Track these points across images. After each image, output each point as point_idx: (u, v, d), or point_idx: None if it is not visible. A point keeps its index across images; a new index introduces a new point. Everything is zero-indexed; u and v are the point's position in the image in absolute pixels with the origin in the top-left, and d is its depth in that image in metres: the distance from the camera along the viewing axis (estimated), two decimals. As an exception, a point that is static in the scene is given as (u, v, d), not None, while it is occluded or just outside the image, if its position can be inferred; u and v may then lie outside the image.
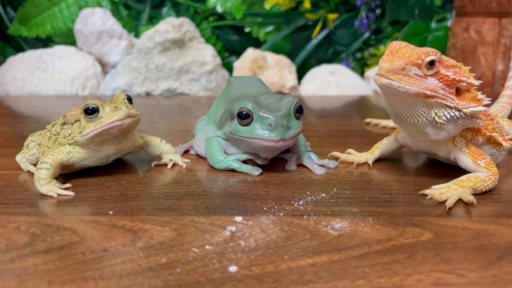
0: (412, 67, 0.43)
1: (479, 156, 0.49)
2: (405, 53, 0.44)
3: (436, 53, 0.44)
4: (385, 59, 0.44)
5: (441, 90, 0.44)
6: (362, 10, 1.29)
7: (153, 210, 0.45)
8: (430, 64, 0.44)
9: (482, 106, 0.47)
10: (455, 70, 0.45)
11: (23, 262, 0.35)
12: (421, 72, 0.44)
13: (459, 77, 0.45)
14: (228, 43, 1.36)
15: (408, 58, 0.43)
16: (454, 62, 0.46)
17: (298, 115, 0.53)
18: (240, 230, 0.40)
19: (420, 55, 0.43)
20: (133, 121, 0.50)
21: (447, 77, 0.45)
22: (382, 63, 0.44)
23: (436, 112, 0.45)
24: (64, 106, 1.06)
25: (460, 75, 0.45)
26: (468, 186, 0.46)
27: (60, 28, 1.30)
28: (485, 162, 0.48)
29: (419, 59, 0.43)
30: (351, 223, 0.41)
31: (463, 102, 0.46)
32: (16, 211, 0.44)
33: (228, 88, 0.61)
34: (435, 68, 0.44)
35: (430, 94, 0.44)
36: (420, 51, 0.44)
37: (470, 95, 0.47)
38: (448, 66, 0.45)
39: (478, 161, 0.49)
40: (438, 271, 0.33)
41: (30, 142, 0.58)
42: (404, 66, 0.43)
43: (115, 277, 0.33)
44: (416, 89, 0.44)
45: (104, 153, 0.53)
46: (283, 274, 0.33)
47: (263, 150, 0.54)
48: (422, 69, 0.44)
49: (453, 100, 0.45)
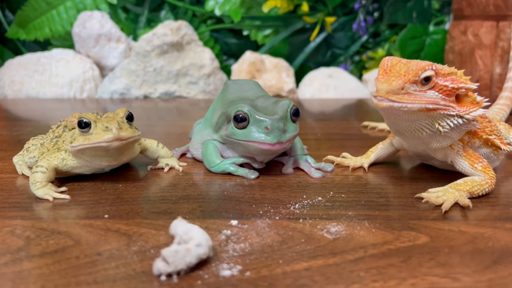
0: (411, 85, 0.43)
1: (476, 159, 0.49)
2: (399, 70, 0.43)
3: (431, 66, 0.43)
4: (381, 80, 0.44)
5: (442, 101, 0.44)
6: (360, 13, 1.29)
7: (149, 213, 0.44)
8: (426, 80, 0.43)
9: (482, 109, 0.47)
10: (452, 78, 0.45)
11: (16, 266, 0.35)
12: (419, 88, 0.44)
13: (457, 84, 0.45)
14: (226, 46, 1.36)
15: (405, 77, 0.43)
16: (449, 69, 0.45)
17: (294, 118, 0.53)
18: (235, 234, 0.40)
19: (417, 72, 0.43)
20: (121, 144, 0.49)
21: (446, 87, 0.44)
22: (379, 85, 0.44)
23: (439, 122, 0.46)
24: (62, 109, 1.06)
25: (458, 82, 0.45)
26: (464, 189, 0.46)
27: (58, 31, 1.30)
28: (482, 166, 0.48)
29: (416, 76, 0.43)
30: (347, 226, 0.41)
31: (464, 108, 0.46)
32: (11, 215, 0.44)
33: (225, 91, 0.61)
34: (432, 82, 0.44)
35: (432, 107, 0.44)
36: (416, 67, 0.43)
37: (469, 99, 0.46)
38: (445, 75, 0.45)
39: (475, 164, 0.48)
40: (434, 275, 0.33)
41: (31, 145, 0.58)
42: (403, 86, 0.43)
43: (109, 281, 0.33)
44: (418, 106, 0.44)
45: (97, 165, 0.53)
46: (278, 278, 0.33)
47: (260, 153, 0.54)
48: (418, 85, 0.43)
49: (455, 108, 0.45)
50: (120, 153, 0.52)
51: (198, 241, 0.34)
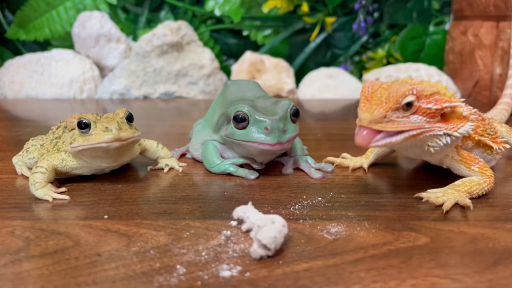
0: (393, 112, 0.42)
1: (471, 161, 0.49)
2: (380, 97, 0.42)
3: (411, 91, 0.42)
4: (363, 109, 0.43)
5: (426, 124, 0.43)
6: (360, 13, 1.29)
7: (148, 214, 0.44)
8: (408, 105, 0.42)
9: (469, 122, 0.46)
10: (435, 98, 0.44)
11: (16, 267, 0.35)
12: (402, 114, 0.42)
13: (441, 104, 0.44)
14: (226, 46, 1.36)
15: (386, 104, 0.42)
16: (431, 89, 0.44)
17: (294, 119, 0.53)
18: (235, 234, 0.40)
19: (397, 99, 0.42)
20: (121, 145, 0.49)
21: (429, 110, 0.43)
22: (361, 114, 0.43)
23: (428, 144, 0.45)
24: (61, 109, 1.06)
25: (442, 102, 0.44)
26: (463, 190, 0.46)
27: (58, 31, 1.30)
28: (479, 166, 0.48)
29: (397, 103, 0.42)
30: (347, 227, 0.41)
31: (451, 125, 0.45)
32: (11, 215, 0.44)
33: (224, 91, 0.61)
34: (414, 107, 0.43)
35: (417, 133, 0.43)
36: (396, 93, 0.42)
37: (456, 115, 0.45)
38: (427, 97, 0.43)
39: (471, 166, 0.48)
40: (434, 275, 0.33)
41: (31, 146, 0.58)
42: (385, 114, 0.42)
43: (109, 282, 0.33)
44: (402, 137, 0.43)
45: (97, 166, 0.52)
46: (278, 279, 0.33)
47: (259, 154, 0.54)
48: (402, 111, 0.42)
49: (441, 128, 0.44)
50: (120, 154, 0.52)
51: (282, 222, 0.37)
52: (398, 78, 0.48)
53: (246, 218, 0.40)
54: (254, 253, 0.36)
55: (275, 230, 0.36)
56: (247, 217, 0.40)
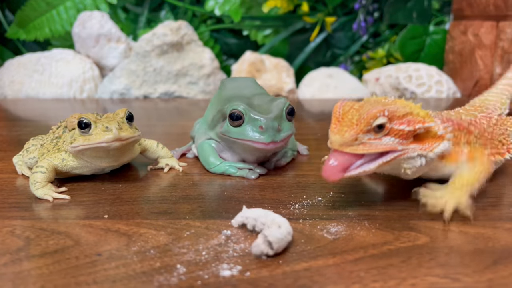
0: (364, 135, 0.41)
1: (457, 156, 0.46)
2: (351, 118, 0.41)
3: (382, 112, 0.40)
4: (334, 131, 0.41)
5: (399, 146, 0.42)
6: (360, 13, 1.29)
7: (149, 214, 0.44)
8: (380, 127, 0.41)
9: (446, 141, 0.44)
10: (408, 119, 0.42)
11: (16, 266, 0.35)
12: (374, 136, 0.41)
13: (414, 126, 0.42)
14: (226, 46, 1.36)
15: (357, 126, 0.40)
16: (404, 109, 0.42)
17: (289, 117, 0.53)
18: (235, 234, 0.40)
19: (368, 121, 0.40)
20: (121, 144, 0.49)
21: (401, 131, 0.41)
22: (332, 136, 0.41)
23: (404, 166, 0.44)
24: (61, 109, 1.06)
25: (415, 123, 0.42)
26: (463, 189, 0.43)
27: (58, 31, 1.30)
28: (467, 157, 0.46)
29: (368, 125, 0.40)
30: (347, 227, 0.41)
31: (426, 145, 0.43)
32: (11, 215, 0.44)
33: (222, 89, 0.61)
34: (386, 129, 0.41)
35: (390, 158, 0.42)
36: (367, 115, 0.40)
37: (431, 134, 0.43)
38: (400, 117, 0.42)
39: (459, 161, 0.46)
40: (433, 275, 0.33)
41: (31, 146, 0.58)
42: (356, 136, 0.40)
43: (109, 281, 0.33)
44: (376, 164, 0.42)
45: (97, 166, 0.53)
46: (278, 278, 0.33)
47: (254, 152, 0.54)
48: (373, 133, 0.41)
49: (414, 149, 0.42)
50: (120, 154, 0.52)
51: (288, 229, 0.37)
52: (371, 98, 0.45)
53: (246, 219, 0.40)
54: (256, 247, 0.36)
55: (282, 233, 0.36)
56: (246, 218, 0.40)
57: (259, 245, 0.36)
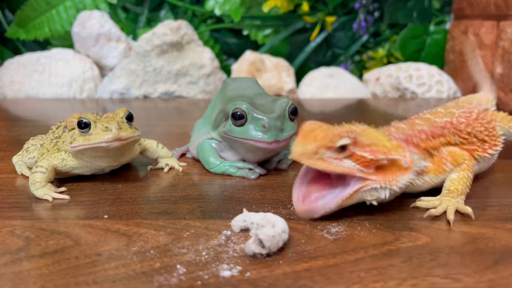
0: (326, 151, 0.40)
1: (441, 164, 0.46)
2: (317, 135, 0.41)
3: (348, 133, 0.40)
4: (297, 143, 0.41)
5: (358, 172, 0.41)
6: (360, 13, 1.29)
7: (148, 214, 0.44)
8: (342, 148, 0.40)
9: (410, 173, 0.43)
10: (372, 149, 0.41)
11: (16, 266, 0.35)
12: (335, 155, 0.40)
13: (377, 155, 0.41)
14: (226, 46, 1.36)
15: (320, 141, 0.40)
16: (370, 140, 0.41)
17: (292, 117, 0.53)
18: (235, 234, 0.40)
19: (332, 138, 0.40)
20: (121, 144, 0.49)
21: (363, 158, 0.41)
22: (294, 147, 0.41)
23: (368, 198, 0.42)
24: (61, 109, 1.06)
25: (378, 153, 0.41)
26: (457, 195, 0.44)
27: (58, 31, 1.30)
28: (450, 162, 0.46)
29: (332, 143, 0.40)
30: (347, 227, 0.41)
31: (389, 177, 0.42)
32: (11, 215, 0.44)
33: (224, 89, 0.61)
34: (348, 151, 0.40)
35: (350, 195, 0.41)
36: (332, 134, 0.40)
37: (396, 166, 0.42)
38: (364, 146, 0.41)
39: (444, 168, 0.46)
40: (434, 275, 0.33)
41: (31, 145, 0.57)
42: (317, 150, 0.40)
43: (109, 282, 0.32)
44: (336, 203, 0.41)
45: (97, 166, 0.52)
46: (278, 279, 0.33)
47: (256, 151, 0.54)
48: (335, 152, 0.40)
49: (375, 180, 0.41)
50: (120, 154, 0.52)
51: (283, 227, 0.37)
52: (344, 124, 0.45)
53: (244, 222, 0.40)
54: (247, 247, 0.36)
55: (275, 231, 0.36)
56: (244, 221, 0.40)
57: (249, 245, 0.36)
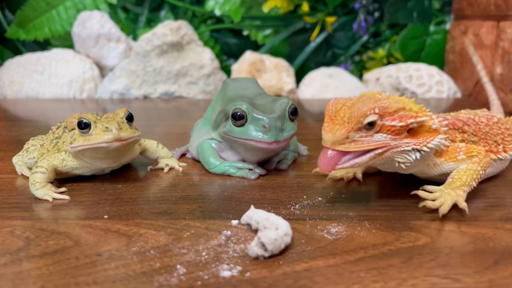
0: (355, 133, 0.41)
1: (454, 152, 0.46)
2: (343, 116, 0.41)
3: (373, 110, 0.41)
4: (326, 129, 0.42)
5: (392, 142, 0.42)
6: (360, 13, 1.29)
7: (148, 214, 0.44)
8: (371, 124, 0.41)
9: (440, 135, 0.44)
10: (400, 114, 0.42)
11: (16, 266, 0.35)
12: (365, 133, 0.41)
13: (406, 121, 0.42)
14: (226, 46, 1.36)
15: (348, 125, 0.40)
16: (396, 105, 0.42)
17: (292, 117, 0.53)
18: (235, 234, 0.40)
19: (358, 118, 0.40)
20: (121, 145, 0.49)
21: (393, 127, 0.41)
22: (325, 135, 0.41)
23: (398, 160, 0.43)
24: (61, 109, 1.06)
25: (407, 118, 0.42)
26: (459, 186, 0.44)
27: (58, 31, 1.29)
28: (464, 152, 0.46)
29: (359, 123, 0.40)
30: (347, 227, 0.41)
31: (420, 140, 0.43)
32: (11, 215, 0.44)
33: (224, 89, 0.61)
34: (377, 126, 0.41)
35: (382, 151, 0.42)
36: (357, 113, 0.40)
37: (425, 128, 0.43)
38: (391, 114, 0.42)
39: (457, 157, 0.46)
40: (434, 275, 0.33)
41: (31, 146, 0.57)
42: (347, 135, 0.40)
43: (109, 282, 0.32)
44: (368, 157, 0.41)
45: (97, 166, 0.52)
46: (278, 279, 0.33)
47: (256, 152, 0.54)
48: (363, 131, 0.41)
49: (408, 143, 0.42)
50: (120, 155, 0.52)
51: (286, 230, 0.37)
52: (365, 93, 0.45)
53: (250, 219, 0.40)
54: (250, 250, 0.36)
55: (278, 234, 0.36)
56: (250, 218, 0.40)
57: (252, 247, 0.36)
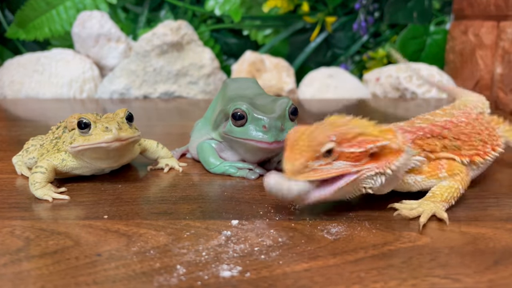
0: (314, 162, 0.40)
1: (436, 170, 0.45)
2: (302, 145, 0.40)
3: (330, 137, 0.40)
4: (286, 160, 0.41)
5: (353, 168, 0.41)
6: (360, 13, 1.29)
7: (148, 214, 0.44)
8: (328, 152, 0.40)
9: (404, 155, 0.42)
10: (359, 140, 0.41)
11: (16, 266, 0.35)
12: (324, 162, 0.40)
13: (365, 146, 0.41)
14: (226, 46, 1.36)
15: (306, 154, 0.40)
16: (355, 130, 0.41)
17: (292, 117, 0.53)
18: (235, 234, 0.40)
19: (316, 148, 0.40)
20: (121, 145, 0.48)
21: (352, 154, 0.41)
22: (285, 165, 0.41)
23: (364, 186, 0.42)
24: (61, 109, 1.06)
25: (366, 143, 0.41)
26: (439, 200, 0.44)
27: (58, 31, 1.29)
28: (446, 169, 0.45)
29: (317, 152, 0.40)
30: (348, 227, 0.41)
31: (383, 162, 0.42)
32: (11, 215, 0.44)
33: (224, 89, 0.61)
34: (335, 153, 0.40)
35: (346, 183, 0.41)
36: (314, 141, 0.40)
37: (387, 150, 0.42)
38: (350, 140, 0.41)
39: (439, 174, 0.45)
40: (434, 276, 0.33)
41: (31, 146, 0.57)
42: (306, 164, 0.40)
43: (109, 282, 0.32)
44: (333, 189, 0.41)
45: (97, 166, 0.52)
46: (278, 279, 0.33)
47: (257, 152, 0.54)
48: (323, 159, 0.40)
49: (370, 169, 0.41)
50: (120, 155, 0.52)
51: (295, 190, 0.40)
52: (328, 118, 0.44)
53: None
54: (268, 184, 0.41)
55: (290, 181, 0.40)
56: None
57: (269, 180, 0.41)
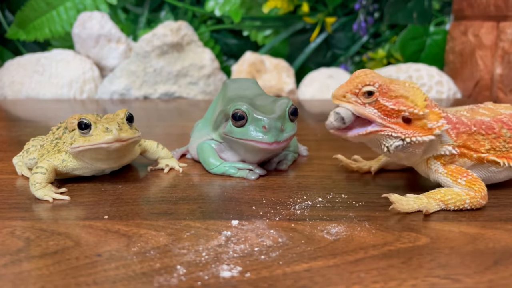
0: (352, 96, 0.44)
1: (459, 174, 0.46)
2: (353, 80, 0.44)
3: (374, 83, 0.43)
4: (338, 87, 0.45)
5: (379, 119, 0.43)
6: (360, 13, 1.29)
7: (149, 214, 0.44)
8: (369, 94, 0.43)
9: (431, 135, 0.43)
10: (399, 100, 0.43)
11: (16, 267, 0.35)
12: (360, 100, 0.44)
13: (399, 107, 0.43)
14: (226, 46, 1.36)
15: (349, 86, 0.44)
16: (401, 92, 0.43)
17: (292, 118, 0.53)
18: (235, 235, 0.40)
19: (357, 84, 0.43)
20: (121, 145, 0.49)
21: (385, 107, 0.43)
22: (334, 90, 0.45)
23: (384, 143, 0.44)
24: (61, 110, 1.06)
25: (401, 105, 0.43)
26: (436, 198, 0.44)
27: (58, 31, 1.30)
28: (466, 180, 0.45)
29: (356, 89, 0.43)
30: (347, 227, 0.41)
31: (410, 131, 0.43)
32: (11, 216, 0.44)
33: (224, 90, 0.61)
34: (372, 98, 0.43)
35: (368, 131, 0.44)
36: (360, 80, 0.44)
37: (420, 124, 0.44)
38: (391, 96, 0.43)
39: (458, 179, 0.46)
40: (434, 276, 0.33)
41: (31, 146, 0.58)
42: (344, 94, 0.44)
43: (109, 282, 0.32)
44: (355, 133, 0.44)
45: (98, 167, 0.52)
46: (278, 279, 0.33)
47: (257, 152, 0.54)
48: (360, 97, 0.44)
49: (394, 129, 0.43)
50: (121, 155, 0.52)
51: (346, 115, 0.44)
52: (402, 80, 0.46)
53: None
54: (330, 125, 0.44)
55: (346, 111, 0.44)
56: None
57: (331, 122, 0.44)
